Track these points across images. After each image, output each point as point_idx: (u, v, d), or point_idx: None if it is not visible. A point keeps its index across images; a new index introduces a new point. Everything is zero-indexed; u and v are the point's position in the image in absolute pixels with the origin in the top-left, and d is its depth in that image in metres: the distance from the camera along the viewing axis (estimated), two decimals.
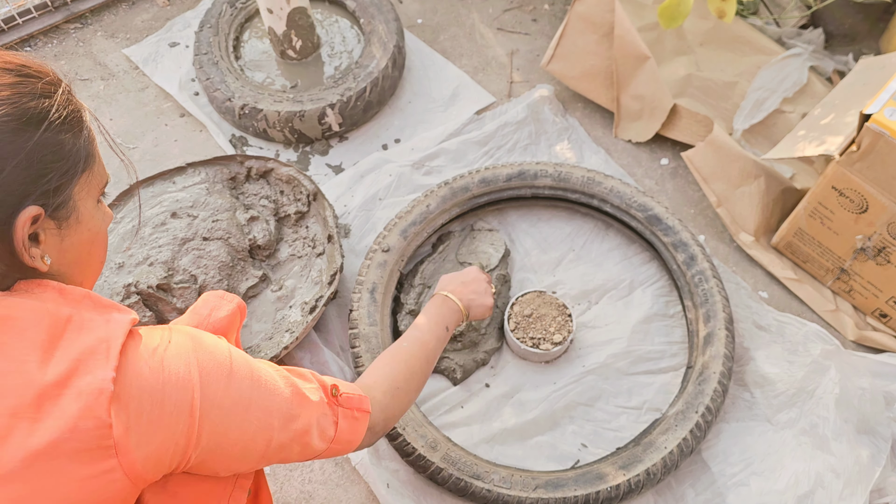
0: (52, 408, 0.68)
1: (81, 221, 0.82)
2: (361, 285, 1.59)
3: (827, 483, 1.41)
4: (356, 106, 1.93)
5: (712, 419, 1.46)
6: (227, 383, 0.81)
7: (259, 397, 0.85)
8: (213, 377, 0.80)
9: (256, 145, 1.98)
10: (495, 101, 2.08)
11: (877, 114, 1.40)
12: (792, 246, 1.75)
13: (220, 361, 0.82)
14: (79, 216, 0.81)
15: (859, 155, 1.46)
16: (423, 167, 1.90)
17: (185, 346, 0.80)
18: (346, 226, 1.80)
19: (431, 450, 1.39)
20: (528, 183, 1.77)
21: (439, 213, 1.72)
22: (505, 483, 1.37)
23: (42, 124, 0.75)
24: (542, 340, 1.57)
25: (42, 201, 0.75)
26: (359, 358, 1.49)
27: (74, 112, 0.80)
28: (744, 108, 1.95)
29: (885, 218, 1.51)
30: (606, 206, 1.74)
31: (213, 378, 0.80)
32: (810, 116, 1.73)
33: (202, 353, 0.81)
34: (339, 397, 0.98)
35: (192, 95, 2.06)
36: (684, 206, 1.88)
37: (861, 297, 1.68)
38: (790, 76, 1.98)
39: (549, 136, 1.98)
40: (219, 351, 0.83)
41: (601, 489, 1.36)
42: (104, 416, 0.69)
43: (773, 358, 1.57)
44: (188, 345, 0.81)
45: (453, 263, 1.72)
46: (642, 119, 1.97)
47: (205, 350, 0.82)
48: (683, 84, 2.02)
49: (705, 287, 1.60)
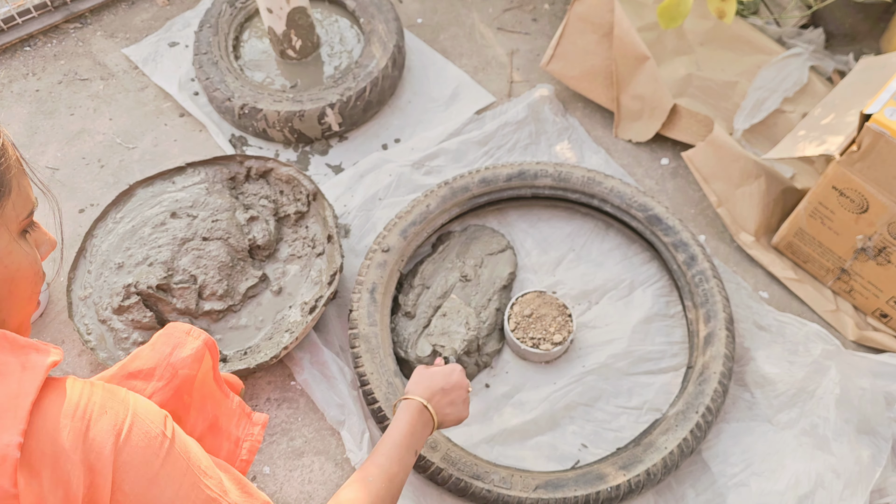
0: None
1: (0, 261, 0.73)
2: (361, 285, 1.59)
3: (827, 483, 1.41)
4: (356, 106, 1.93)
5: (713, 419, 1.46)
6: (149, 482, 0.72)
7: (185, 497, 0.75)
8: (136, 466, 0.71)
9: (256, 145, 1.98)
10: (495, 101, 2.08)
11: (877, 113, 1.40)
12: (792, 246, 1.75)
13: (149, 455, 0.72)
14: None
15: (860, 155, 1.45)
16: (423, 167, 1.90)
17: (118, 415, 0.71)
18: (346, 226, 1.80)
19: (431, 450, 1.39)
20: (528, 183, 1.76)
21: (439, 213, 1.72)
22: (505, 483, 1.37)
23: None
24: (542, 340, 1.57)
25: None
26: (358, 358, 1.49)
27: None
28: (744, 108, 1.95)
29: (886, 218, 1.51)
30: (607, 206, 1.74)
31: (135, 469, 0.71)
32: (811, 116, 1.73)
33: (134, 429, 0.71)
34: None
35: (192, 95, 2.06)
36: (685, 206, 1.88)
37: (861, 297, 1.68)
38: (791, 76, 1.98)
39: (549, 136, 1.98)
40: (152, 439, 0.73)
41: (601, 489, 1.36)
42: (8, 485, 0.62)
43: (774, 358, 1.57)
44: (120, 413, 0.71)
45: (453, 263, 1.72)
46: (642, 119, 1.97)
47: (139, 426, 0.72)
48: (684, 84, 2.02)
49: (706, 287, 1.60)
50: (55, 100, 2.08)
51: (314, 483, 1.47)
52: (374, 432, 1.50)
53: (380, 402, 1.44)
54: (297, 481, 1.47)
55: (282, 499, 1.45)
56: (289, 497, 1.45)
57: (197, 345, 0.95)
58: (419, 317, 1.64)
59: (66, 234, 1.81)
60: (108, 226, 1.69)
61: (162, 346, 0.93)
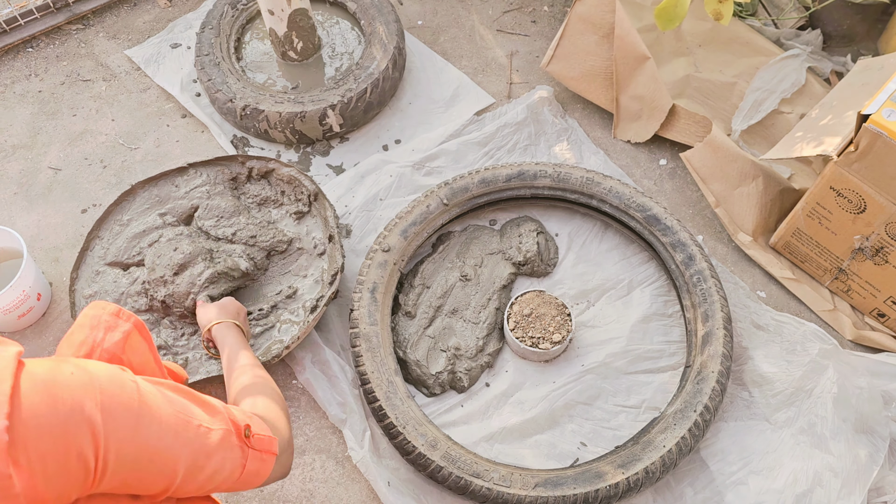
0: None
1: None
2: (362, 285, 1.60)
3: (825, 482, 1.42)
4: (357, 107, 1.94)
5: (711, 418, 1.47)
6: (134, 425, 0.76)
7: (169, 443, 0.80)
8: (118, 417, 0.74)
9: (258, 146, 1.99)
10: (495, 102, 2.09)
11: (875, 114, 1.41)
12: (790, 246, 1.76)
13: (126, 400, 0.76)
14: None
15: (857, 155, 1.46)
16: (424, 168, 1.91)
17: (81, 379, 0.73)
18: (347, 226, 1.81)
19: (431, 448, 1.40)
20: (527, 183, 1.77)
21: (439, 213, 1.73)
22: (504, 481, 1.38)
23: None
24: (541, 340, 1.58)
25: None
26: (359, 357, 1.50)
27: None
28: (742, 109, 1.96)
29: (884, 218, 1.52)
30: (605, 206, 1.75)
31: (119, 418, 0.74)
32: (808, 117, 1.74)
33: (105, 392, 0.74)
34: (251, 438, 0.94)
35: (194, 96, 2.07)
36: (683, 207, 1.89)
37: (859, 296, 1.69)
38: (788, 77, 1.99)
39: (548, 137, 1.99)
40: (125, 388, 0.77)
41: (600, 488, 1.37)
42: (3, 467, 0.64)
43: (772, 357, 1.58)
44: (83, 378, 0.73)
45: (453, 263, 1.73)
46: (641, 119, 1.98)
47: (108, 387, 0.75)
48: (682, 85, 2.03)
49: (703, 287, 1.61)
50: (58, 100, 2.09)
51: (315, 481, 1.48)
52: (375, 431, 1.51)
53: (380, 401, 1.45)
54: (298, 479, 1.48)
55: (283, 496, 1.46)
56: (290, 495, 1.46)
57: (127, 327, 0.95)
58: (419, 317, 1.65)
59: (69, 235, 1.82)
60: (113, 227, 1.70)
61: (94, 332, 0.93)
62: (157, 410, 0.79)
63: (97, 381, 0.74)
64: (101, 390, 0.74)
